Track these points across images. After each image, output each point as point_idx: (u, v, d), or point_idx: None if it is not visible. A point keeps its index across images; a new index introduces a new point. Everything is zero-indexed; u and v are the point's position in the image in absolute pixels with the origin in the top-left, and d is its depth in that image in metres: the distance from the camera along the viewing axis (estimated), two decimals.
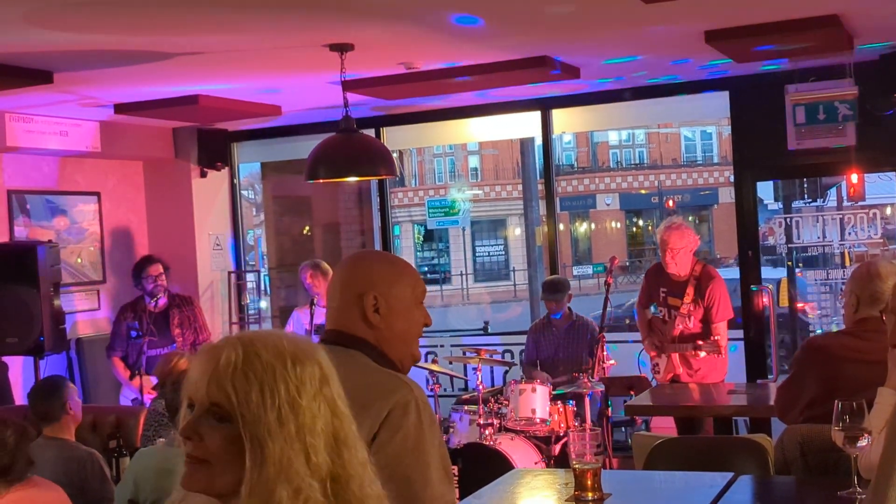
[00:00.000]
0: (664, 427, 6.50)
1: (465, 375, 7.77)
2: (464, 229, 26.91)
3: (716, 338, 6.00)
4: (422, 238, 34.34)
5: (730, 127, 7.33)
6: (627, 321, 11.66)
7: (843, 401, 2.93)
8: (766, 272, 7.72)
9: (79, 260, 7.87)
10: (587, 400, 5.91)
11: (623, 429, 7.30)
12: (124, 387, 7.19)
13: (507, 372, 7.46)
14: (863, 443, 2.90)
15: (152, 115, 7.09)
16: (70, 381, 5.23)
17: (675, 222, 6.32)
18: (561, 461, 5.85)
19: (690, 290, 6.11)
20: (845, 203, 7.89)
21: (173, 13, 4.45)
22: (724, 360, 6.19)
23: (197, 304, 7.55)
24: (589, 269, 30.07)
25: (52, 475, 3.94)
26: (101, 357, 7.53)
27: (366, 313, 2.27)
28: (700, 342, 6.00)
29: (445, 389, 7.74)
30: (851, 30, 5.54)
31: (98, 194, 8.05)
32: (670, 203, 31.26)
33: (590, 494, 3.19)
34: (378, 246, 8.68)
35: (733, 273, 7.58)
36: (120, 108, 6.84)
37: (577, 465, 3.21)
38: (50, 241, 7.02)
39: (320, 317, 6.94)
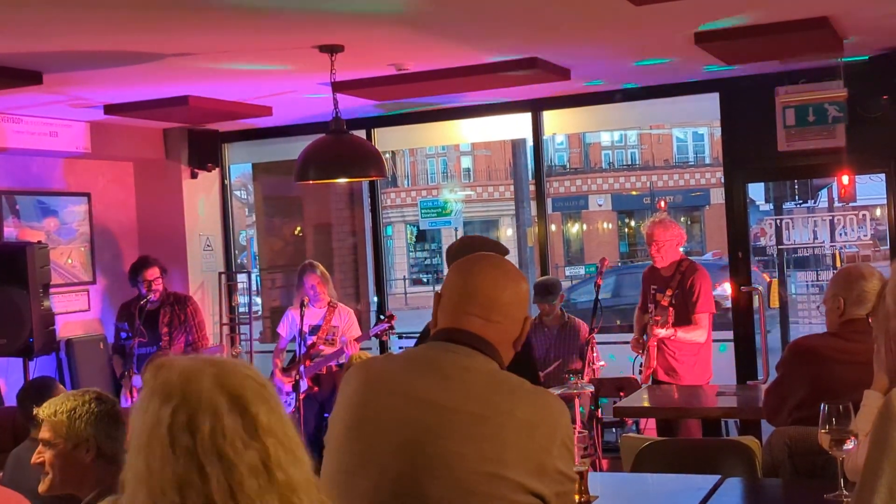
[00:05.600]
0: (655, 429, 6.50)
1: None
2: (456, 230, 26.83)
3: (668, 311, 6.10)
4: (414, 238, 34.34)
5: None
6: (618, 321, 11.67)
7: (830, 403, 2.92)
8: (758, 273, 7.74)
9: (69, 261, 7.85)
10: (577, 401, 5.91)
11: (613, 430, 7.30)
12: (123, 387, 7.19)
13: None
14: (849, 446, 2.89)
15: (143, 116, 7.08)
16: (60, 382, 5.20)
17: (659, 217, 6.47)
18: None
19: (674, 283, 6.19)
20: (836, 204, 7.90)
21: (163, 14, 4.44)
22: (707, 363, 6.22)
23: (192, 303, 7.38)
24: (581, 270, 30.05)
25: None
26: (91, 358, 7.52)
27: (521, 337, 2.24)
28: (657, 318, 6.08)
29: None
30: (841, 32, 5.55)
31: (88, 195, 8.03)
32: (662, 204, 31.25)
33: (576, 497, 3.18)
34: (369, 246, 8.63)
35: None
36: (110, 109, 6.82)
37: None
38: (40, 242, 7.01)
39: (314, 317, 7.00)
